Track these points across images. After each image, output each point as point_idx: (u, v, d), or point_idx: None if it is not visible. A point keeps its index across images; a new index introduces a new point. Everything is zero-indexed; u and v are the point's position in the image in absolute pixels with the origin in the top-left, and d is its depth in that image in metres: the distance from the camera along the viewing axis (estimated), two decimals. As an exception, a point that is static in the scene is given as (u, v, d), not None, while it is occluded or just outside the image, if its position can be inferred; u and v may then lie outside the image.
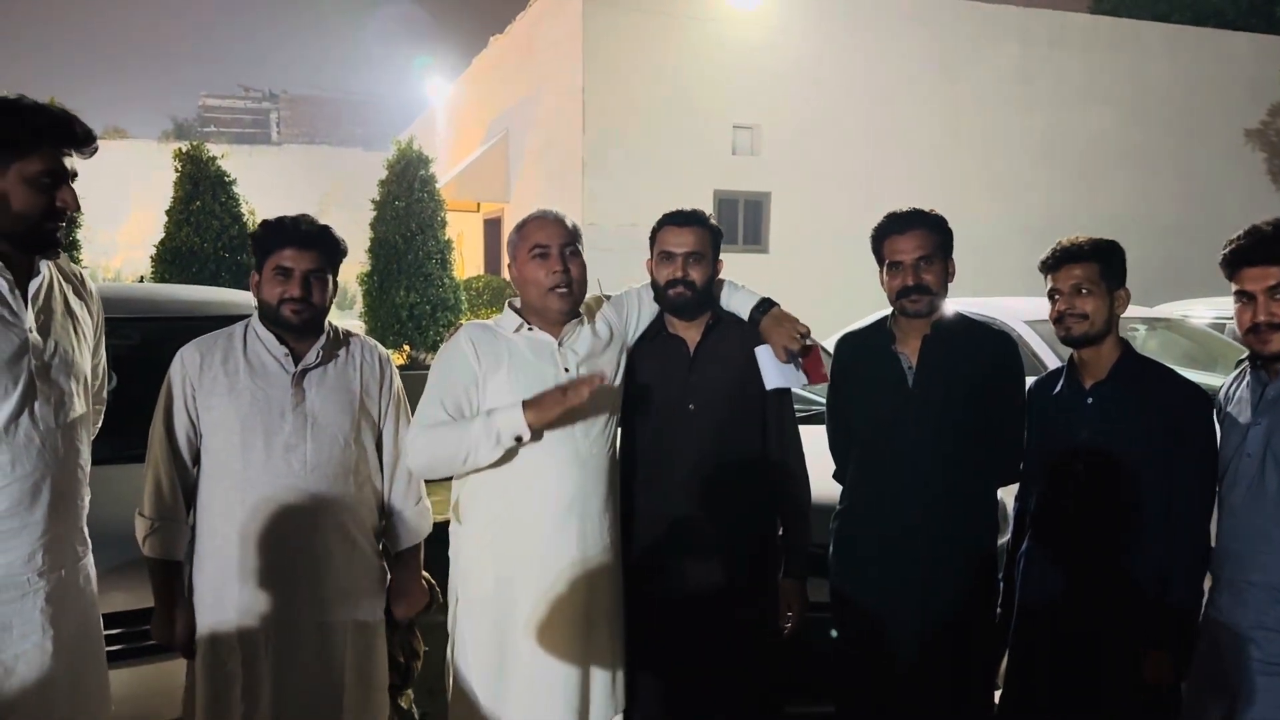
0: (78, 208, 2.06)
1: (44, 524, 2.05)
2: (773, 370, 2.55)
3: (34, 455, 2.03)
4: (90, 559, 2.25)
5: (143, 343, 4.00)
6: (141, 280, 11.07)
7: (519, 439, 2.32)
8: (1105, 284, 2.53)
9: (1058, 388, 2.65)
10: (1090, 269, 2.53)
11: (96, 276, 13.48)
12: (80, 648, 2.17)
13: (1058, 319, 2.57)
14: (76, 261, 8.97)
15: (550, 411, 2.29)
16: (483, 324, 2.55)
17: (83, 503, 2.21)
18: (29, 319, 2.06)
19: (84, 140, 2.08)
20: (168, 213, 9.41)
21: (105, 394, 2.45)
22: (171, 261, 9.16)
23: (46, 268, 2.14)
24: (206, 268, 9.09)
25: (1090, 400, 2.56)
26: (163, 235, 9.39)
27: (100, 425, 2.45)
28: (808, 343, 2.59)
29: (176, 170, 9.44)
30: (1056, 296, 2.57)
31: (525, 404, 2.31)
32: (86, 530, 2.23)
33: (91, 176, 2.12)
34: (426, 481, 2.64)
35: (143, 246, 13.77)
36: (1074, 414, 2.58)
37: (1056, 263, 2.57)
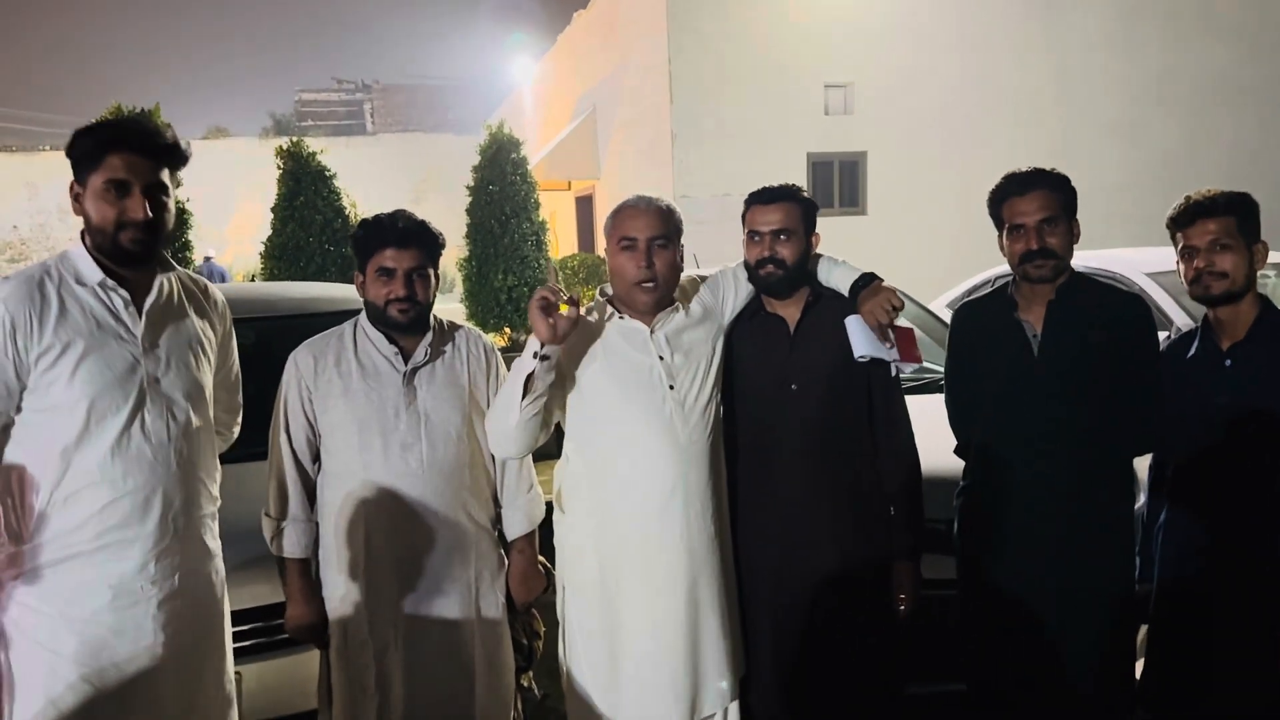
0: (142, 216, 2.08)
1: (155, 535, 2.14)
2: (861, 337, 2.46)
3: (145, 468, 2.12)
4: (216, 563, 2.33)
5: (259, 341, 4.13)
6: (252, 279, 11.44)
7: (542, 357, 2.25)
8: (1243, 238, 2.39)
9: (1192, 350, 2.51)
10: (1227, 223, 2.38)
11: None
12: (197, 651, 2.26)
13: (1195, 278, 2.43)
14: (187, 262, 9.34)
15: (539, 326, 2.21)
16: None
17: (203, 512, 2.28)
18: (141, 333, 2.15)
19: (150, 144, 2.11)
20: (273, 209, 9.72)
21: (240, 400, 2.54)
22: (280, 257, 9.47)
23: (165, 281, 2.22)
24: (314, 261, 9.37)
25: (1229, 363, 2.42)
26: (269, 232, 9.69)
27: (238, 430, 2.55)
28: (901, 323, 2.50)
29: (279, 168, 9.72)
30: (1191, 254, 2.43)
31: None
32: (211, 537, 2.31)
33: (198, 176, 2.18)
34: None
35: (250, 241, 14.27)
36: (1212, 378, 2.45)
37: (1189, 218, 2.43)
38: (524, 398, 2.29)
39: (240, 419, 2.57)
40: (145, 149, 2.10)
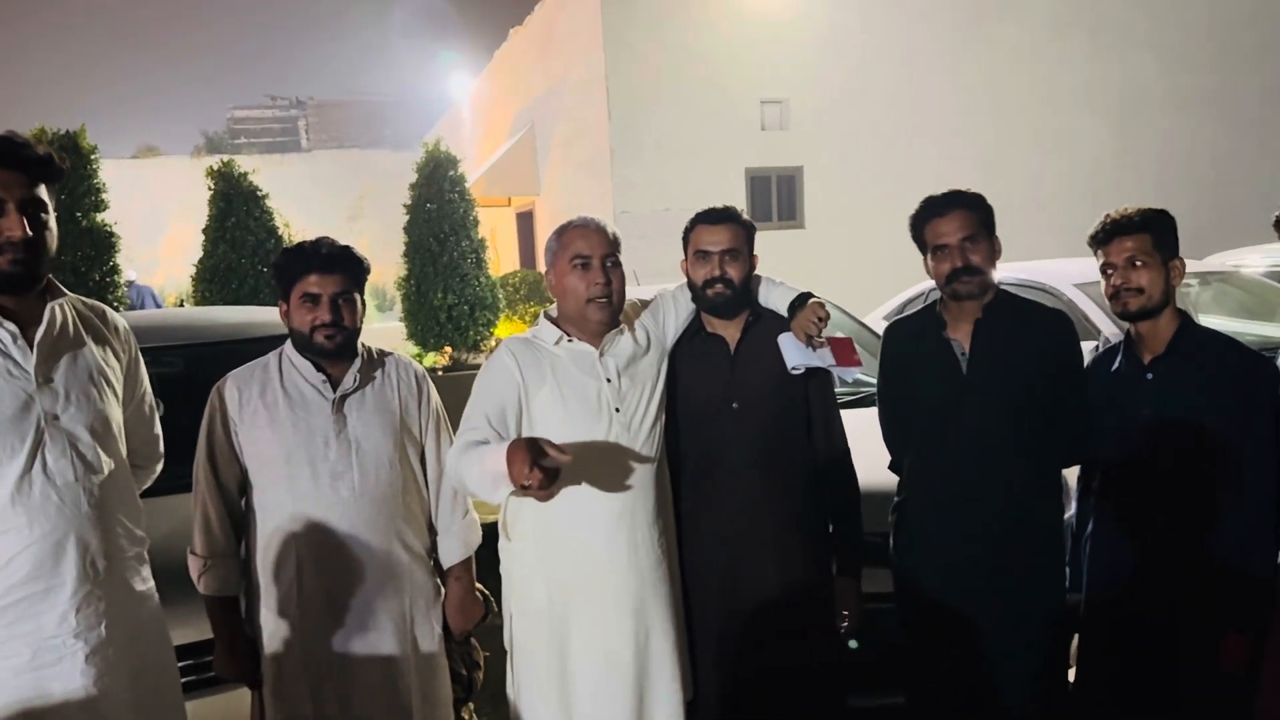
0: (20, 233, 1.91)
1: (74, 583, 1.96)
2: (792, 350, 2.51)
3: (52, 512, 1.94)
4: (149, 607, 2.18)
5: (187, 370, 4.03)
6: (181, 304, 11.18)
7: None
8: (1159, 254, 2.45)
9: (1116, 364, 2.57)
10: (1143, 240, 2.44)
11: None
12: (145, 699, 2.10)
13: (1113, 295, 2.49)
14: (115, 286, 9.08)
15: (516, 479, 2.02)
16: (523, 338, 2.52)
17: (126, 554, 2.11)
18: (34, 368, 1.98)
19: (20, 157, 1.93)
20: (204, 231, 9.50)
21: (158, 431, 2.41)
22: (211, 280, 9.25)
23: (56, 310, 2.05)
24: (246, 283, 9.17)
25: (1150, 376, 2.48)
26: (201, 254, 9.49)
27: (160, 465, 2.43)
28: (837, 334, 2.55)
29: (209, 188, 9.51)
30: (1110, 271, 2.49)
31: (509, 452, 2.05)
32: (139, 580, 2.16)
33: (128, 196, 2.05)
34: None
35: (182, 263, 13.94)
36: (1135, 391, 2.50)
37: (1107, 236, 2.49)
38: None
39: (162, 451, 2.43)
40: (16, 163, 1.93)
